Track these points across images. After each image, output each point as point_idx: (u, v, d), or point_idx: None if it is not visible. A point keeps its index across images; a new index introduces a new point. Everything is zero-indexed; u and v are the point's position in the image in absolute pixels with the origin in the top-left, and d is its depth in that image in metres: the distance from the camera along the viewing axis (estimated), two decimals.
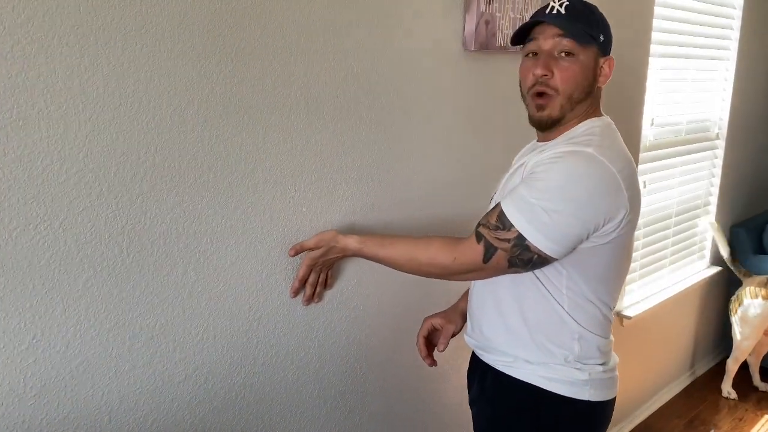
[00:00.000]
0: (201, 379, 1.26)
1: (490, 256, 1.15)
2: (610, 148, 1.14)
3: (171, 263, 1.16)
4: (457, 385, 1.84)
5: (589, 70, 1.18)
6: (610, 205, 1.11)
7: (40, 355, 1.04)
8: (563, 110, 1.19)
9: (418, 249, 1.23)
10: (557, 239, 1.11)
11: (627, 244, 1.21)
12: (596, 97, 1.22)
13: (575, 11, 1.16)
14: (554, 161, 1.12)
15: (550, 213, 1.10)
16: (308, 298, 1.39)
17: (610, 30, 1.21)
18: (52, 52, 0.97)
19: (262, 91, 1.23)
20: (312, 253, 1.33)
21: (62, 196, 1.01)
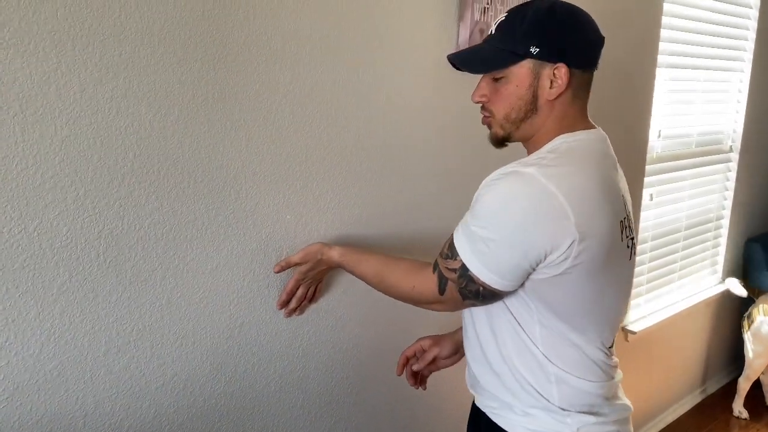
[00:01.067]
0: (179, 385, 1.25)
1: (443, 288, 1.09)
2: (561, 168, 1.02)
3: (149, 269, 1.16)
4: (447, 397, 1.82)
5: (523, 86, 1.08)
6: (552, 233, 0.99)
7: (12, 358, 1.04)
8: (505, 129, 1.12)
9: (387, 270, 1.21)
10: (497, 270, 1.02)
11: (598, 274, 1.05)
12: (557, 110, 1.09)
13: (503, 26, 1.09)
14: (493, 183, 1.03)
15: (487, 241, 1.02)
16: (290, 311, 1.38)
17: (557, 33, 1.06)
18: (28, 57, 0.97)
19: (246, 97, 1.23)
20: (301, 268, 1.32)
21: (37, 200, 1.02)
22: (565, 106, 1.10)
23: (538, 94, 1.08)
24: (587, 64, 1.10)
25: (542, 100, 1.09)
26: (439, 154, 1.63)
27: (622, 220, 1.08)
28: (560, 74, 1.06)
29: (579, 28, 1.08)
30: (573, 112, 1.11)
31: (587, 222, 1.00)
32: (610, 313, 1.12)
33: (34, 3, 0.96)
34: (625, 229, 1.08)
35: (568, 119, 1.10)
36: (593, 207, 1.02)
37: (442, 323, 1.67)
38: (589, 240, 1.00)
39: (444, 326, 1.50)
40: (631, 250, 1.12)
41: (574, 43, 1.07)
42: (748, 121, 3.03)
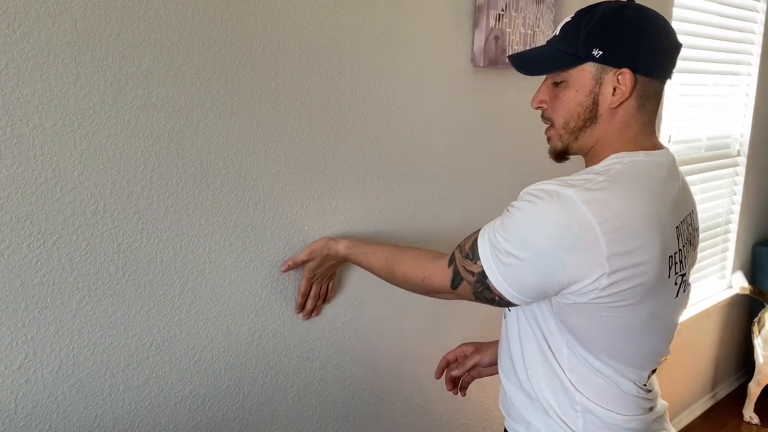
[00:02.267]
0: (198, 400, 1.23)
1: (457, 284, 1.05)
2: (606, 192, 0.93)
3: (168, 282, 1.14)
4: (468, 412, 1.80)
5: (583, 92, 1.01)
6: (578, 263, 0.92)
7: (32, 376, 1.02)
8: (563, 140, 1.05)
9: (395, 261, 1.17)
10: (516, 287, 0.97)
11: (633, 310, 0.97)
12: (619, 121, 1.01)
13: (567, 27, 1.03)
14: (530, 199, 0.96)
15: (510, 257, 0.96)
16: (308, 313, 1.36)
17: (623, 36, 0.98)
18: (47, 69, 0.96)
19: (264, 107, 1.21)
20: (309, 265, 1.30)
21: (56, 214, 1.00)
22: (628, 116, 1.01)
23: (599, 101, 1.01)
24: (656, 72, 1.01)
25: (603, 108, 1.01)
26: (455, 161, 1.62)
27: (673, 255, 0.98)
28: (624, 80, 0.98)
29: (649, 32, 0.99)
30: (637, 125, 1.02)
31: (623, 255, 0.92)
32: (646, 351, 1.04)
33: (54, 15, 0.95)
34: (675, 265, 0.99)
35: (630, 132, 1.02)
36: (634, 239, 0.93)
37: (465, 335, 1.66)
38: (622, 273, 0.92)
39: (467, 338, 1.48)
40: (680, 288, 1.03)
41: (641, 47, 0.98)
42: (755, 126, 3.03)
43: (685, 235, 1.03)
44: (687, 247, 1.04)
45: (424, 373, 1.66)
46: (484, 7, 1.54)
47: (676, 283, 1.01)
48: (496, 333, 1.85)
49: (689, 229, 1.05)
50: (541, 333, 1.05)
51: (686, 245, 1.03)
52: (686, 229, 1.04)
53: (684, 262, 1.02)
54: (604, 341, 1.01)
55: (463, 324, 1.72)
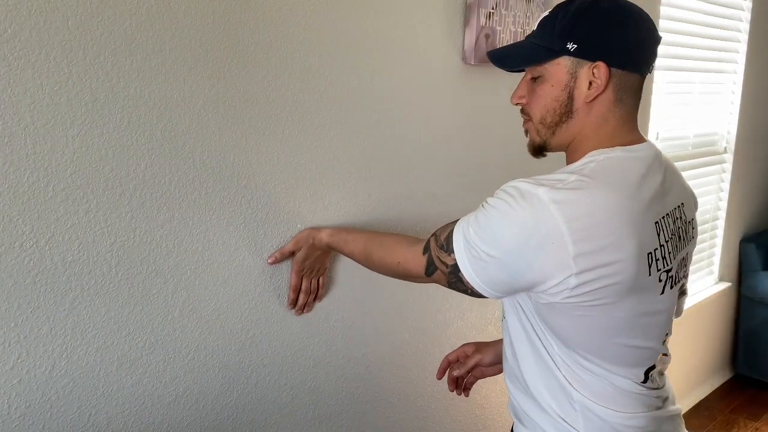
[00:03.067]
0: (192, 399, 1.23)
1: (432, 272, 1.05)
2: (577, 192, 0.92)
3: (161, 281, 1.14)
4: (461, 408, 1.80)
5: (558, 86, 1.00)
6: (544, 264, 0.91)
7: (24, 376, 1.02)
8: (541, 135, 1.05)
9: (373, 246, 1.18)
10: (488, 282, 0.97)
11: (609, 309, 0.95)
12: (595, 115, 1.00)
13: (544, 21, 1.02)
14: (502, 197, 0.95)
15: (481, 252, 0.96)
16: (300, 308, 1.36)
17: (597, 28, 0.98)
18: (39, 67, 0.95)
19: (256, 105, 1.21)
20: (297, 257, 1.31)
21: (49, 213, 1.00)
22: (604, 110, 1.00)
23: (575, 96, 0.99)
24: (633, 65, 0.99)
25: (579, 103, 1.00)
26: (447, 158, 1.62)
27: (652, 251, 0.96)
28: (599, 74, 0.97)
29: (624, 24, 0.98)
30: (615, 119, 1.00)
31: (591, 255, 0.90)
32: (633, 350, 1.01)
33: (45, 13, 0.94)
34: (657, 262, 0.97)
35: (608, 127, 1.00)
36: (603, 238, 0.91)
37: (458, 333, 1.67)
38: (592, 273, 0.91)
39: (464, 338, 1.48)
40: (666, 284, 1.00)
41: (616, 39, 0.97)
42: (741, 123, 3.06)
43: (669, 229, 1.00)
44: (674, 242, 1.02)
45: (417, 371, 1.66)
46: (474, 5, 1.54)
47: (661, 280, 0.99)
48: (492, 329, 1.86)
49: (677, 222, 1.03)
50: (534, 333, 1.04)
51: (672, 239, 1.01)
52: (672, 222, 1.02)
53: (668, 257, 0.99)
54: (585, 340, 0.99)
55: (457, 321, 1.73)
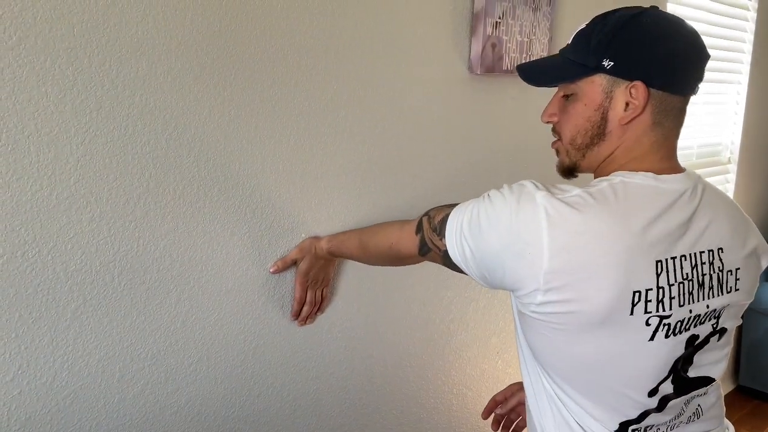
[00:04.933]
0: (194, 411, 1.21)
1: (425, 252, 1.03)
2: (576, 210, 0.85)
3: (164, 291, 1.13)
4: (464, 422, 1.79)
5: (592, 106, 0.94)
6: (519, 270, 0.87)
7: (25, 387, 1.00)
8: (571, 157, 0.99)
9: (366, 238, 1.17)
10: (476, 271, 0.95)
11: (578, 339, 0.89)
12: (628, 138, 0.93)
13: (580, 34, 0.96)
14: (503, 191, 0.92)
15: (465, 245, 0.94)
16: (303, 320, 1.34)
17: (637, 45, 0.90)
18: (43, 75, 0.94)
19: (262, 114, 1.20)
20: (300, 269, 1.29)
21: (52, 222, 0.98)
22: (638, 133, 0.93)
23: (609, 117, 0.93)
24: (675, 86, 0.91)
25: (613, 125, 0.93)
26: (452, 168, 1.61)
27: (642, 291, 0.87)
28: (637, 94, 0.90)
29: (666, 40, 0.90)
30: (648, 143, 0.93)
31: (563, 275, 0.84)
32: (610, 392, 0.93)
33: (51, 20, 0.93)
34: (647, 303, 0.87)
35: (638, 150, 0.93)
36: (582, 264, 0.84)
37: (463, 344, 1.65)
38: (558, 294, 0.85)
39: (467, 349, 1.47)
40: (658, 330, 0.89)
41: (657, 57, 0.89)
42: (745, 133, 3.05)
43: (679, 272, 0.90)
44: (687, 287, 0.91)
45: (419, 382, 1.65)
46: (481, 14, 1.54)
47: (649, 324, 0.88)
48: (496, 340, 1.85)
49: (701, 267, 0.93)
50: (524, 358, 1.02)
51: (684, 284, 0.91)
52: (689, 266, 0.91)
53: (670, 302, 0.89)
54: (554, 361, 0.94)
55: (460, 332, 1.72)
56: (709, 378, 0.99)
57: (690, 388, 0.97)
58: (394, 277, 1.52)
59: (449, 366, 1.71)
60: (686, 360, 0.95)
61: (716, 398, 1.04)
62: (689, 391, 0.97)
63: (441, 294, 1.64)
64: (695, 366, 0.96)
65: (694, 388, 0.97)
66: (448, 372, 1.71)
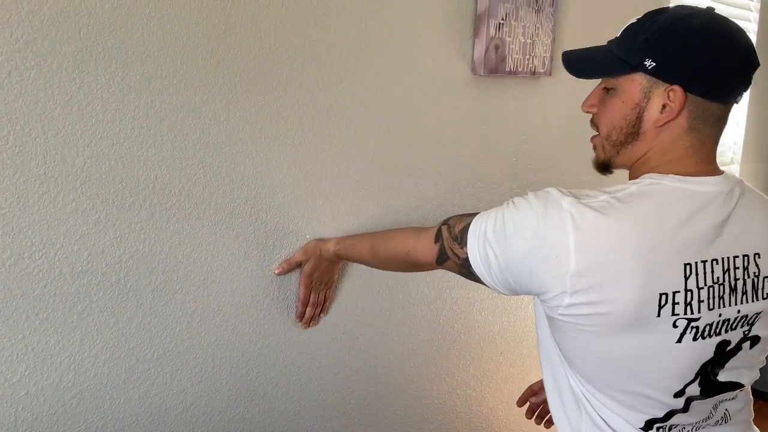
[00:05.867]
0: (199, 411, 1.22)
1: (443, 261, 1.03)
2: (597, 213, 0.86)
3: (170, 293, 1.13)
4: (468, 421, 1.79)
5: (629, 104, 0.93)
6: (545, 274, 0.88)
7: (32, 388, 1.01)
8: (606, 153, 0.99)
9: (379, 243, 1.17)
10: (495, 281, 0.96)
11: (605, 340, 0.90)
12: (662, 141, 0.92)
13: (629, 29, 0.95)
14: (528, 198, 0.92)
15: (490, 252, 0.94)
16: (307, 321, 1.34)
17: (681, 47, 0.89)
18: (50, 77, 0.95)
19: (266, 116, 1.21)
20: (305, 270, 1.29)
21: (58, 224, 0.99)
22: (673, 137, 0.92)
23: (644, 117, 0.92)
24: (715, 94, 0.90)
25: (647, 125, 0.92)
26: (456, 169, 1.61)
27: (669, 293, 0.87)
28: (675, 98, 0.89)
29: (715, 46, 0.89)
30: (683, 147, 0.92)
31: (590, 279, 0.85)
32: (633, 394, 0.94)
33: (58, 23, 0.94)
34: (675, 306, 0.88)
35: (673, 153, 0.92)
36: (608, 267, 0.85)
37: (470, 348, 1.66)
38: (585, 296, 0.86)
39: (471, 350, 1.47)
40: (686, 332, 0.89)
41: (701, 63, 0.88)
42: (748, 134, 3.05)
43: (710, 275, 0.89)
44: (717, 291, 0.90)
45: (424, 383, 1.65)
46: (484, 16, 1.54)
47: (677, 326, 0.89)
48: (500, 340, 1.85)
49: (734, 272, 0.92)
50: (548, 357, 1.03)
51: (714, 288, 0.90)
52: (720, 270, 0.91)
53: (699, 305, 0.89)
54: (581, 363, 0.96)
55: (464, 334, 1.72)
56: (739, 384, 0.99)
57: (717, 392, 0.97)
58: (398, 279, 1.52)
59: (453, 367, 1.71)
60: (716, 364, 0.94)
61: (744, 404, 1.04)
62: (716, 394, 0.97)
63: (445, 295, 1.64)
64: (725, 371, 0.96)
65: (721, 391, 0.97)
66: (452, 373, 1.71)
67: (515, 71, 1.64)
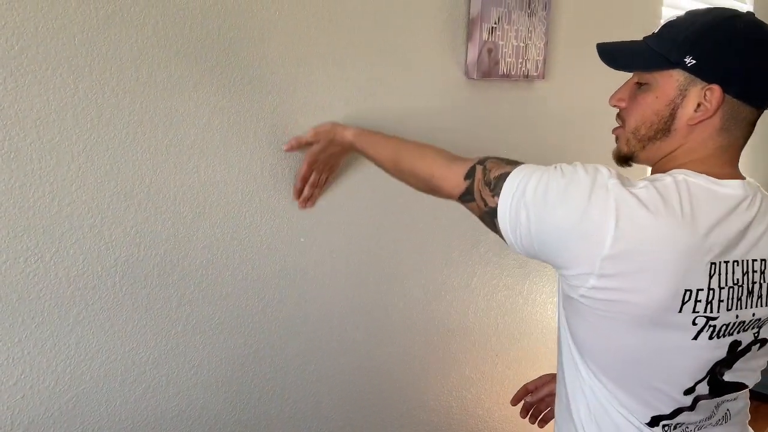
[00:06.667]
0: (194, 414, 1.22)
1: (467, 200, 1.01)
2: (638, 201, 0.86)
3: (165, 296, 1.14)
4: (464, 424, 1.80)
5: (663, 100, 0.93)
6: (576, 250, 0.88)
7: (28, 391, 1.01)
8: (630, 146, 0.99)
9: (405, 153, 1.12)
10: (518, 239, 0.93)
11: (624, 330, 0.90)
12: (693, 140, 0.93)
13: (669, 25, 0.95)
14: (579, 170, 0.91)
15: (522, 211, 0.92)
16: (304, 200, 1.29)
17: (724, 49, 0.90)
18: (45, 83, 0.96)
19: (261, 121, 1.22)
20: (312, 149, 1.24)
21: (54, 228, 1.00)
22: (704, 136, 0.93)
23: (678, 115, 0.93)
24: (751, 97, 0.91)
25: (680, 123, 0.93)
26: None
27: (693, 290, 0.88)
28: (711, 97, 0.90)
29: (756, 50, 0.90)
30: (712, 147, 0.93)
31: (623, 266, 0.86)
32: (644, 387, 0.95)
33: (53, 29, 0.95)
34: (698, 304, 0.88)
35: (701, 153, 0.93)
36: (647, 259, 0.86)
37: (465, 350, 1.66)
38: (613, 281, 0.87)
39: (466, 352, 1.48)
40: (704, 330, 0.90)
41: (741, 65, 0.89)
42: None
43: (730, 276, 0.91)
44: (736, 292, 0.92)
45: (420, 384, 1.66)
46: (477, 20, 1.55)
47: (696, 324, 0.90)
48: (495, 341, 1.86)
49: (753, 275, 0.93)
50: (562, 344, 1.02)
51: (733, 289, 0.91)
52: (740, 272, 0.92)
53: (718, 305, 0.90)
54: (593, 350, 0.96)
55: (459, 335, 1.73)
56: (743, 384, 1.00)
57: (723, 392, 0.98)
58: (394, 279, 1.53)
59: (449, 368, 1.72)
60: (725, 364, 0.95)
61: (744, 404, 1.05)
62: (722, 394, 0.98)
63: (440, 297, 1.65)
64: (733, 371, 0.97)
65: (726, 392, 0.98)
66: (447, 374, 1.72)
67: (508, 75, 1.65)
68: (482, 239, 1.73)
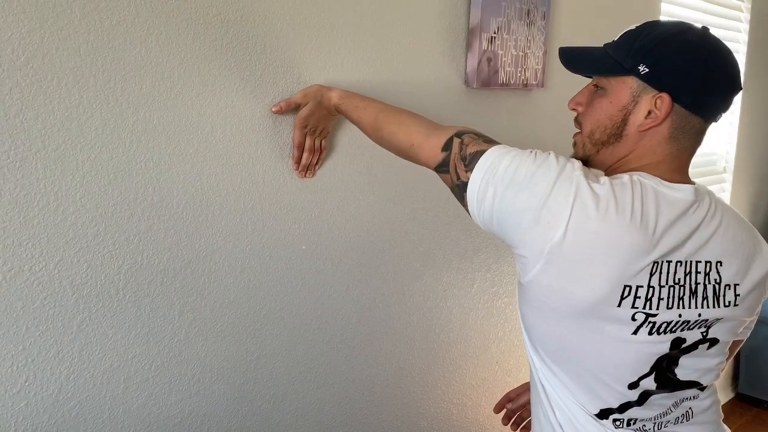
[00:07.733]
0: (197, 422, 1.23)
1: (442, 171, 1.04)
2: (595, 197, 0.90)
3: (167, 304, 1.15)
4: (462, 429, 1.80)
5: (616, 105, 0.97)
6: (528, 231, 0.91)
7: (32, 399, 1.02)
8: (585, 150, 1.02)
9: (386, 119, 1.13)
10: (481, 215, 0.97)
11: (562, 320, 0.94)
12: (643, 146, 0.97)
13: (626, 35, 0.99)
14: (550, 158, 0.94)
15: (497, 190, 0.94)
16: (304, 168, 1.28)
17: (675, 59, 0.93)
18: (50, 93, 0.97)
19: (264, 129, 1.23)
20: (300, 113, 1.23)
21: (58, 236, 1.01)
22: (653, 143, 0.96)
23: (629, 120, 0.96)
24: (699, 108, 0.95)
25: (631, 129, 0.96)
26: None
27: (633, 286, 0.91)
28: (661, 105, 0.93)
29: (706, 63, 0.94)
30: (662, 154, 0.97)
31: (570, 256, 0.89)
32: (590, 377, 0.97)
33: (58, 40, 0.96)
34: (636, 299, 0.91)
35: (651, 158, 0.97)
36: (592, 252, 0.89)
37: (465, 356, 1.66)
38: (557, 269, 0.90)
39: (466, 359, 1.49)
40: (643, 326, 0.93)
41: (691, 76, 0.93)
42: (740, 143, 3.08)
43: (671, 275, 0.93)
44: (677, 292, 0.94)
45: (419, 392, 1.66)
46: (476, 30, 1.57)
47: (635, 319, 0.92)
48: (495, 349, 1.86)
49: (695, 276, 0.96)
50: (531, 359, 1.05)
51: (674, 288, 0.94)
52: (682, 272, 0.94)
53: (658, 303, 0.93)
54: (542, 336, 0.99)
55: (460, 342, 1.74)
56: (698, 383, 1.02)
57: (676, 388, 1.00)
58: (394, 287, 1.54)
59: (449, 375, 1.73)
60: (671, 360, 0.98)
61: (710, 404, 1.06)
62: (675, 391, 1.01)
63: (441, 305, 1.66)
64: (682, 368, 0.99)
65: (680, 388, 1.01)
66: (448, 381, 1.73)
67: (508, 84, 1.67)
68: (482, 247, 1.74)
